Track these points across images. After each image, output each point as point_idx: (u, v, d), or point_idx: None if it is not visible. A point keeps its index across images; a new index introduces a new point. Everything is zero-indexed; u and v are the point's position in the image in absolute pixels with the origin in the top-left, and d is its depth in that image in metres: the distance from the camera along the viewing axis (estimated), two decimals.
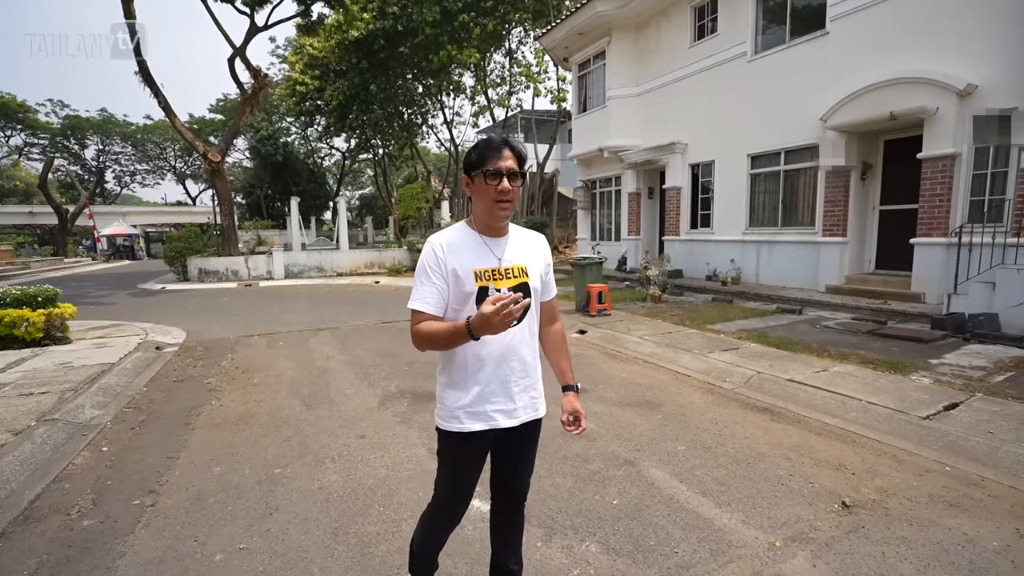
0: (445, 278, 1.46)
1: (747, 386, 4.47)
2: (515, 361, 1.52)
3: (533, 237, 1.64)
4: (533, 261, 1.58)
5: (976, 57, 6.79)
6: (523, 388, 1.55)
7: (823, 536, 2.30)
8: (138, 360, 5.55)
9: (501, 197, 1.44)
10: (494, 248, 1.51)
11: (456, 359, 1.51)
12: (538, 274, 1.59)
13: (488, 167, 1.42)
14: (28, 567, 2.11)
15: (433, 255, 1.47)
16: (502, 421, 1.52)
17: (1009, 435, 3.16)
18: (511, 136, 1.47)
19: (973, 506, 2.53)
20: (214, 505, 2.57)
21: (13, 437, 3.29)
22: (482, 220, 1.51)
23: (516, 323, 1.44)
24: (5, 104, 33.15)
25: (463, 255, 1.47)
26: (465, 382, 1.50)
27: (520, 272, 1.53)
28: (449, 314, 1.49)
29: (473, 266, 1.47)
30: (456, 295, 1.47)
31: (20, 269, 20.92)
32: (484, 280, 1.47)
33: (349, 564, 2.09)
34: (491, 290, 1.47)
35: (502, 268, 1.50)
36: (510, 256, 1.53)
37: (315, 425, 3.65)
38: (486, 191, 1.44)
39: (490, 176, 1.42)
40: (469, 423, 1.50)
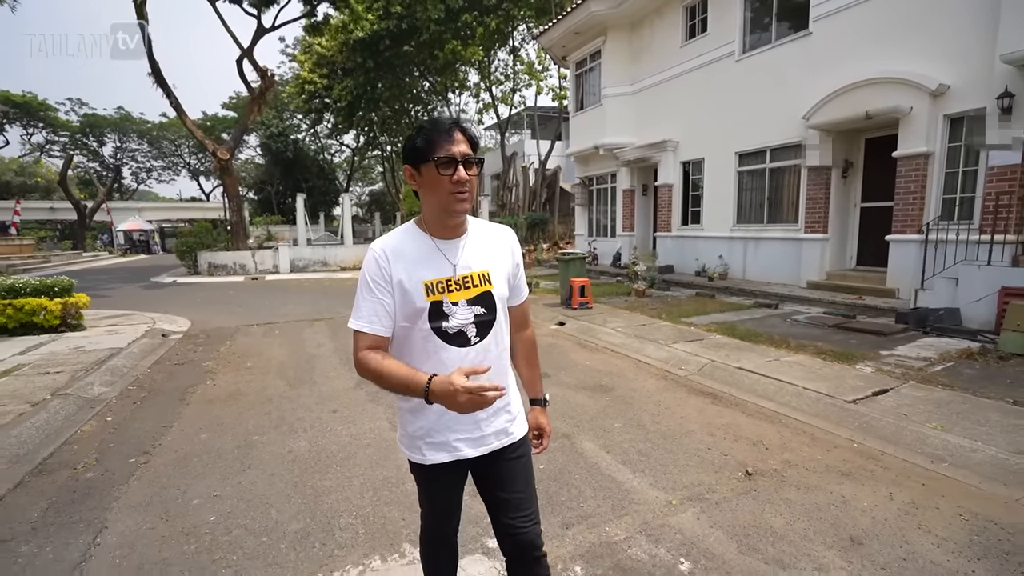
0: (391, 292, 1.26)
1: (699, 373, 4.79)
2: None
3: (497, 232, 1.42)
4: (498, 263, 1.36)
5: (948, 58, 6.96)
6: (492, 412, 1.34)
7: (717, 497, 2.63)
8: (144, 345, 6.02)
9: (457, 189, 1.22)
10: (448, 253, 1.30)
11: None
12: (504, 278, 1.37)
13: (439, 154, 1.21)
14: (40, 507, 2.54)
15: (376, 265, 1.27)
16: (467, 451, 1.33)
17: (920, 417, 3.46)
18: (461, 117, 1.43)
19: (863, 475, 2.85)
20: (197, 464, 2.99)
21: (31, 408, 3.74)
22: (434, 219, 1.30)
23: (478, 339, 1.31)
24: (27, 103, 34.16)
25: (411, 264, 1.27)
26: (423, 407, 1.28)
27: (481, 279, 1.32)
28: (398, 331, 1.31)
29: (423, 277, 1.26)
30: (404, 311, 1.27)
31: (41, 262, 21.75)
32: (437, 293, 1.27)
33: (302, 508, 2.49)
34: (446, 304, 1.27)
35: (458, 277, 1.29)
36: (469, 260, 1.32)
37: (295, 402, 4.06)
38: (439, 183, 1.22)
39: (443, 165, 1.21)
40: (431, 454, 1.32)
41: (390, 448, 3.15)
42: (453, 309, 1.28)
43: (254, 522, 2.39)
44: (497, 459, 1.38)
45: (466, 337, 1.30)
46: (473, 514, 2.21)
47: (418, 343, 1.29)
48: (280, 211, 35.08)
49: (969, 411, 3.52)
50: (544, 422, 1.52)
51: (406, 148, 1.28)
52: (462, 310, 1.29)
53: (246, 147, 39.70)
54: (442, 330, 1.28)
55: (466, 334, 1.30)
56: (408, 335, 1.30)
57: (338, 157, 42.25)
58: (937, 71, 7.05)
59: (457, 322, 1.29)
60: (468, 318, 1.30)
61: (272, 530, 2.33)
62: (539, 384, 1.56)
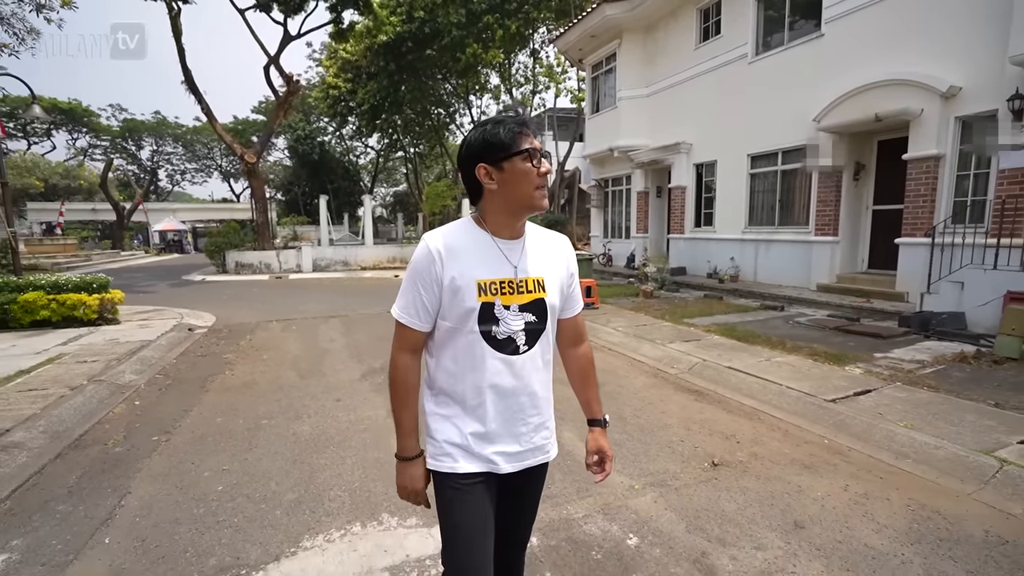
0: (437, 289, 1.20)
1: (690, 372, 4.93)
2: (524, 396, 1.25)
3: (554, 240, 1.35)
4: (553, 271, 1.30)
5: (959, 59, 6.90)
6: (532, 428, 1.28)
7: (678, 484, 2.82)
8: (172, 338, 6.47)
9: (540, 183, 1.19)
10: (509, 254, 1.23)
11: (451, 386, 1.25)
12: (558, 287, 1.30)
13: (526, 146, 1.17)
14: (75, 475, 2.90)
15: (427, 257, 1.20)
16: (503, 465, 1.25)
17: (895, 416, 3.56)
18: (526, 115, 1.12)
19: (824, 468, 2.99)
20: (211, 443, 3.32)
21: (70, 391, 4.15)
22: (504, 218, 1.23)
23: (526, 348, 1.24)
24: (72, 109, 35.99)
25: (466, 261, 1.20)
26: (461, 416, 1.24)
27: (536, 286, 1.25)
28: (441, 332, 1.24)
29: (477, 276, 1.20)
30: (453, 310, 1.20)
31: (83, 261, 22.99)
32: (490, 294, 1.20)
33: (298, 482, 2.78)
34: (498, 307, 1.20)
35: (517, 280, 1.23)
36: (527, 265, 1.25)
37: (303, 391, 4.38)
38: (526, 177, 1.17)
39: (523, 159, 1.16)
40: (464, 463, 1.23)
41: (383, 433, 3.42)
42: (504, 313, 1.21)
43: (255, 492, 2.69)
44: (528, 479, 1.32)
45: (515, 345, 1.23)
46: None
47: (464, 347, 1.22)
48: (306, 212, 36.08)
49: (946, 412, 3.60)
50: (605, 445, 1.41)
51: (479, 144, 1.18)
52: (513, 315, 1.22)
53: (274, 149, 40.91)
54: (491, 335, 1.21)
55: (515, 341, 1.23)
56: (454, 338, 1.22)
57: (363, 159, 43.19)
58: (948, 73, 7.00)
59: (507, 328, 1.22)
60: (519, 324, 1.23)
61: (270, 499, 2.62)
62: (598, 404, 1.45)
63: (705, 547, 2.25)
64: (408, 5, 19.93)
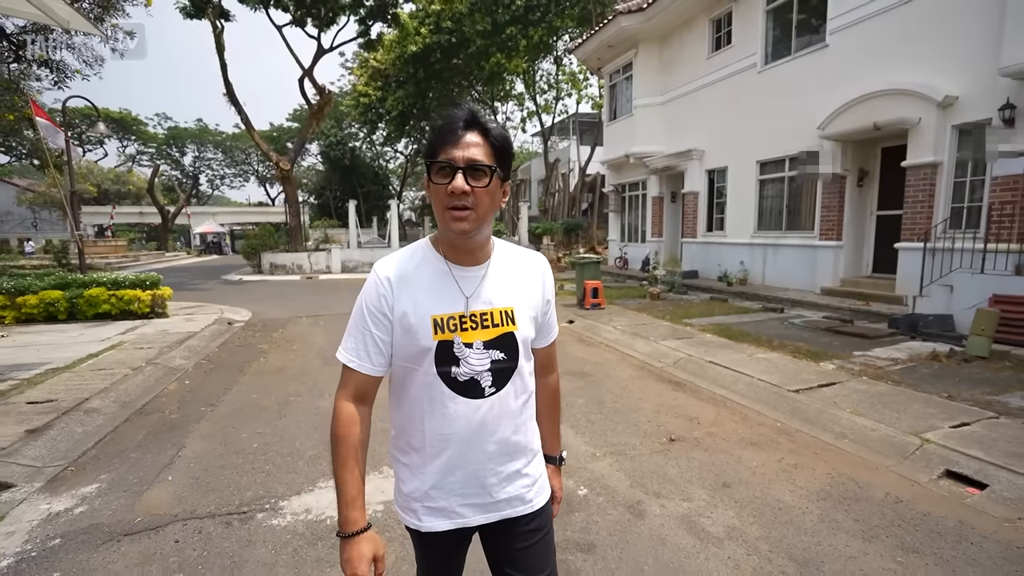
0: (387, 326, 1.06)
1: (674, 365, 5.36)
2: (492, 444, 1.10)
3: (528, 260, 1.19)
4: (525, 299, 1.14)
5: (956, 69, 7.10)
6: (504, 477, 1.13)
7: (634, 453, 3.30)
8: (214, 331, 7.25)
9: (452, 203, 0.99)
10: (464, 282, 1.08)
11: (409, 432, 1.12)
12: (530, 318, 1.15)
13: (436, 157, 1.00)
14: (142, 433, 3.59)
15: (375, 292, 1.07)
16: (473, 517, 1.12)
17: (847, 405, 3.93)
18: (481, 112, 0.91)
19: (768, 445, 3.42)
20: (248, 413, 3.97)
21: (132, 371, 4.89)
22: (444, 239, 1.09)
23: (493, 390, 1.09)
24: (123, 118, 38.41)
25: (419, 292, 1.06)
26: (423, 466, 1.10)
27: (504, 318, 1.10)
28: (397, 372, 1.12)
29: (432, 311, 1.05)
30: (405, 349, 1.07)
31: (132, 261, 24.66)
32: (447, 331, 1.06)
33: (317, 442, 3.39)
34: (457, 345, 1.06)
35: (476, 312, 1.08)
36: (490, 294, 1.10)
37: (327, 375, 5.02)
38: (435, 195, 1.01)
39: (437, 172, 1.00)
40: (428, 520, 1.11)
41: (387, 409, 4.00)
42: (466, 352, 1.06)
43: (283, 448, 3.31)
44: (509, 529, 1.15)
45: (479, 387, 1.08)
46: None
47: (421, 391, 1.07)
48: (337, 215, 37.45)
49: (897, 402, 3.95)
50: (556, 484, 1.28)
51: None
52: (477, 354, 1.07)
53: (308, 155, 42.56)
54: (451, 376, 1.06)
55: (479, 383, 1.08)
56: (410, 379, 1.09)
57: (392, 163, 44.49)
58: (945, 82, 7.20)
59: (470, 368, 1.06)
60: (484, 364, 1.07)
61: (295, 454, 3.23)
62: (557, 440, 1.33)
63: (642, 498, 2.73)
64: (436, 16, 20.74)
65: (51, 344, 6.10)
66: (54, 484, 2.88)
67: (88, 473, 3.02)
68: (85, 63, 11.22)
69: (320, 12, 17.04)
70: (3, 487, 2.77)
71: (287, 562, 2.18)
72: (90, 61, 11.27)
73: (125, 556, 2.22)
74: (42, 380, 4.55)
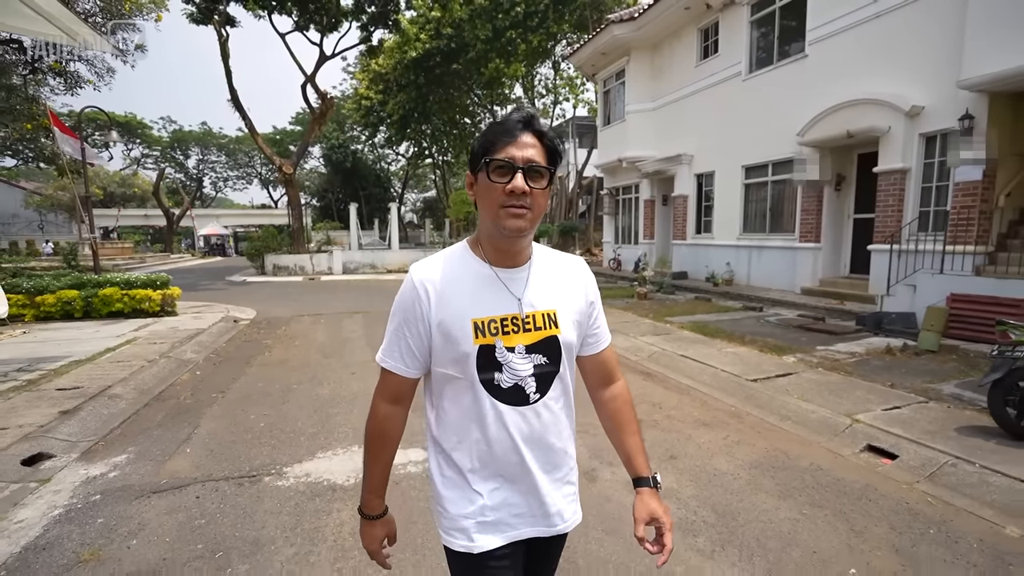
0: (424, 329, 1.05)
1: (648, 359, 5.78)
2: (540, 452, 1.08)
3: (568, 264, 1.17)
4: (567, 302, 1.11)
5: (923, 81, 7.51)
6: (552, 486, 1.11)
7: (596, 432, 3.63)
8: (221, 328, 7.69)
9: (511, 202, 0.98)
10: (511, 284, 1.06)
11: (453, 444, 1.09)
12: (573, 322, 1.11)
13: (495, 155, 0.98)
14: (161, 415, 4.02)
15: (411, 292, 1.05)
16: (525, 530, 1.10)
17: (797, 392, 4.34)
18: (537, 115, 1.06)
19: (719, 425, 3.83)
20: (254, 399, 4.40)
21: (148, 363, 5.33)
22: (489, 241, 1.06)
23: (538, 396, 1.06)
24: (128, 122, 38.98)
25: (458, 297, 1.04)
26: (471, 482, 1.07)
27: (547, 321, 1.07)
28: (437, 379, 1.09)
29: (472, 314, 1.03)
30: (445, 355, 1.04)
31: (138, 263, 25.17)
32: (488, 335, 1.03)
33: (317, 423, 3.81)
34: (499, 350, 1.03)
35: (522, 315, 1.05)
36: (533, 296, 1.07)
37: (326, 367, 5.45)
38: (490, 193, 0.99)
39: (496, 171, 0.98)
40: (481, 538, 1.06)
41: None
42: (508, 357, 1.04)
43: (287, 427, 3.74)
44: (548, 546, 1.16)
45: (524, 394, 1.06)
46: None
47: (464, 399, 1.05)
48: (339, 217, 37.94)
49: (842, 389, 4.36)
50: (659, 509, 1.12)
51: (470, 152, 1.06)
52: (520, 359, 1.05)
53: (310, 158, 43.09)
54: (494, 383, 1.04)
55: (524, 390, 1.05)
56: (451, 388, 1.07)
57: (394, 166, 44.99)
58: (913, 93, 7.61)
59: (513, 375, 1.04)
60: (527, 369, 1.05)
61: (297, 432, 3.66)
62: (643, 457, 1.20)
63: (596, 467, 3.15)
64: (436, 23, 21.20)
65: (70, 340, 6.54)
66: (88, 455, 3.31)
67: (117, 446, 3.45)
68: (97, 74, 11.72)
69: (323, 19, 17.52)
70: (46, 457, 3.20)
71: (290, 512, 2.61)
72: (101, 72, 11.76)
73: (155, 508, 2.65)
74: (67, 371, 4.98)
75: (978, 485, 2.79)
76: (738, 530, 2.46)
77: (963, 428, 3.42)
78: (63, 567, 2.17)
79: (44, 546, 2.31)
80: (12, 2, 4.15)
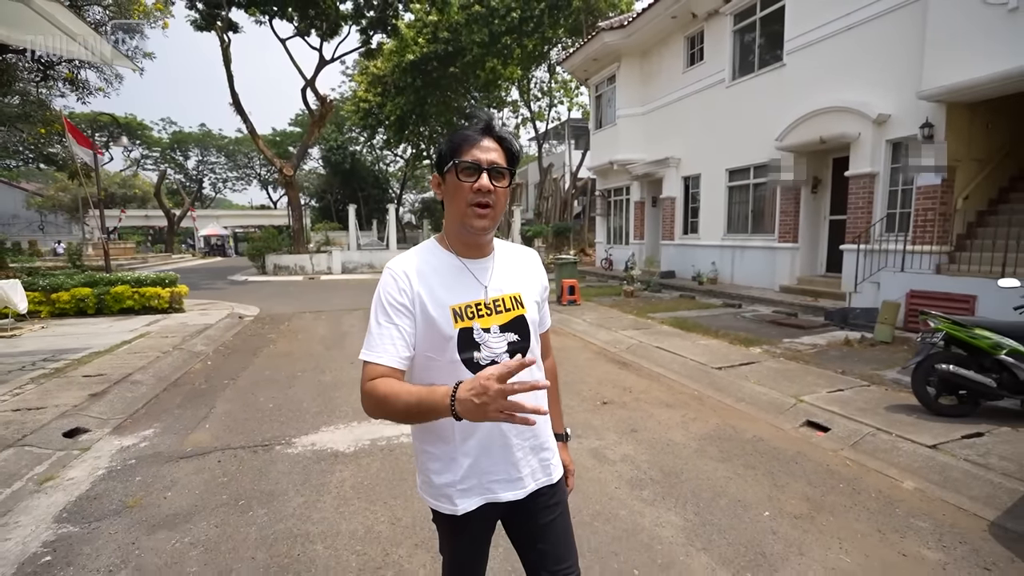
0: (410, 315, 1.12)
1: (626, 350, 6.23)
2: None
3: (524, 254, 1.33)
4: (528, 286, 1.26)
5: (889, 90, 7.96)
6: (528, 450, 1.23)
7: (568, 411, 4.16)
8: (227, 323, 8.13)
9: (477, 200, 1.10)
10: (478, 273, 1.19)
11: (436, 423, 1.14)
12: (534, 300, 1.26)
13: (462, 158, 1.10)
14: (179, 398, 4.47)
15: (393, 283, 1.14)
16: (503, 493, 1.21)
17: (755, 378, 4.79)
18: (496, 122, 1.17)
19: (680, 406, 4.28)
20: (263, 385, 4.85)
21: (162, 354, 5.77)
22: (456, 236, 1.18)
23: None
24: (128, 123, 39.33)
25: (436, 286, 1.14)
26: (453, 454, 1.18)
27: (514, 303, 1.21)
28: (418, 364, 1.16)
29: (451, 301, 1.14)
30: (429, 340, 1.13)
31: (140, 263, 25.58)
32: (466, 319, 1.14)
33: (320, 403, 4.26)
34: (477, 331, 1.14)
35: (489, 300, 1.18)
36: (499, 283, 1.21)
37: (327, 357, 5.89)
38: (459, 192, 1.11)
39: (463, 171, 1.09)
40: (463, 502, 1.19)
41: None
42: (485, 337, 1.15)
43: (293, 407, 4.18)
44: (533, 505, 1.26)
45: None
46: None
47: (445, 379, 1.08)
48: (338, 218, 38.33)
49: (796, 375, 4.81)
50: (567, 459, 1.38)
51: (436, 154, 1.18)
52: (495, 338, 1.16)
53: (309, 159, 43.46)
54: (473, 361, 1.14)
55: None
56: (433, 369, 1.16)
57: (392, 167, 45.40)
58: (880, 101, 8.08)
59: (490, 352, 1.15)
60: (502, 346, 1.16)
61: (303, 411, 4.10)
62: (560, 419, 1.44)
63: None
64: (433, 27, 21.63)
65: (87, 334, 6.97)
66: (119, 429, 3.76)
67: (143, 423, 3.89)
68: (106, 81, 12.18)
69: (323, 24, 17.97)
70: (83, 431, 3.64)
71: (299, 472, 3.05)
72: (110, 79, 12.23)
73: (183, 469, 3.09)
74: (89, 360, 5.42)
75: (890, 451, 3.24)
76: (679, 485, 2.91)
77: (892, 406, 3.87)
78: (112, 511, 2.61)
79: (94, 496, 2.76)
80: (43, 23, 4.59)
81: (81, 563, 2.20)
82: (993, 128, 7.47)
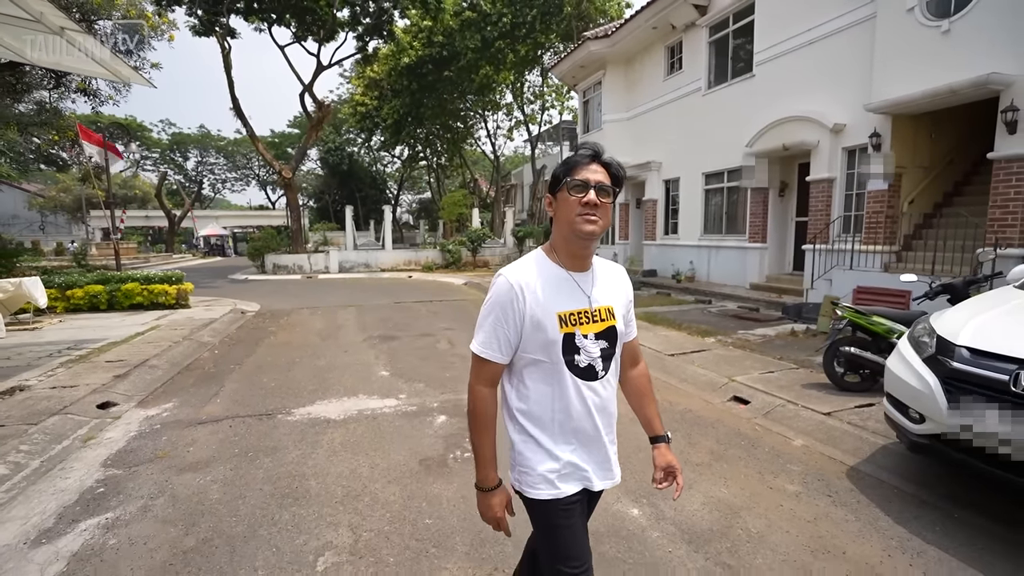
0: (519, 323, 1.26)
1: None
2: (606, 416, 1.36)
3: (615, 270, 1.45)
4: (618, 299, 1.39)
5: (845, 102, 8.60)
6: (611, 444, 1.39)
7: None
8: (231, 318, 8.74)
9: (585, 212, 1.22)
10: (583, 284, 1.32)
11: (538, 414, 1.31)
12: (622, 313, 1.39)
13: (574, 177, 1.24)
14: (192, 380, 5.09)
15: (508, 292, 1.26)
16: (596, 482, 1.35)
17: (701, 363, 5.42)
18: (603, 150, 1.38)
19: None
20: (265, 369, 5.47)
21: (172, 344, 6.39)
22: (564, 248, 1.30)
23: (604, 373, 1.33)
24: (128, 125, 39.89)
25: (544, 294, 1.27)
26: (555, 441, 1.30)
27: (607, 314, 1.33)
28: (523, 362, 1.31)
29: (557, 308, 1.27)
30: (535, 342, 1.27)
31: (143, 262, 26.17)
32: (570, 325, 1.27)
33: (316, 383, 4.89)
34: (578, 337, 1.28)
35: (592, 309, 1.31)
36: (598, 294, 1.33)
37: (323, 347, 6.51)
38: (569, 205, 1.24)
39: (574, 188, 1.24)
40: (564, 485, 1.30)
41: (370, 368, 5.49)
42: (584, 342, 1.28)
43: (292, 387, 4.81)
44: (593, 501, 1.42)
45: (595, 371, 1.31)
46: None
47: (550, 377, 1.28)
48: (336, 218, 38.88)
49: (738, 360, 5.44)
50: (673, 460, 1.48)
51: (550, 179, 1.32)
52: (592, 343, 1.30)
53: (307, 160, 44.00)
54: (574, 363, 1.28)
55: (594, 368, 1.31)
56: (538, 368, 1.29)
57: (389, 168, 45.97)
58: (837, 112, 8.72)
59: (587, 355, 1.29)
60: (596, 352, 1.31)
61: (300, 389, 4.73)
62: (659, 420, 1.54)
63: None
64: (428, 32, 22.22)
65: (102, 327, 7.58)
66: (143, 403, 4.38)
67: (163, 399, 4.51)
68: (115, 89, 12.78)
69: (320, 31, 18.54)
70: (112, 404, 4.26)
71: (298, 433, 3.68)
72: (119, 87, 12.82)
73: (201, 431, 3.72)
74: (108, 349, 6.03)
75: (793, 418, 3.88)
76: None
77: (808, 384, 4.51)
78: (147, 459, 3.24)
79: (131, 450, 3.38)
80: (72, 49, 5.20)
81: (128, 492, 2.82)
82: (937, 138, 8.11)
